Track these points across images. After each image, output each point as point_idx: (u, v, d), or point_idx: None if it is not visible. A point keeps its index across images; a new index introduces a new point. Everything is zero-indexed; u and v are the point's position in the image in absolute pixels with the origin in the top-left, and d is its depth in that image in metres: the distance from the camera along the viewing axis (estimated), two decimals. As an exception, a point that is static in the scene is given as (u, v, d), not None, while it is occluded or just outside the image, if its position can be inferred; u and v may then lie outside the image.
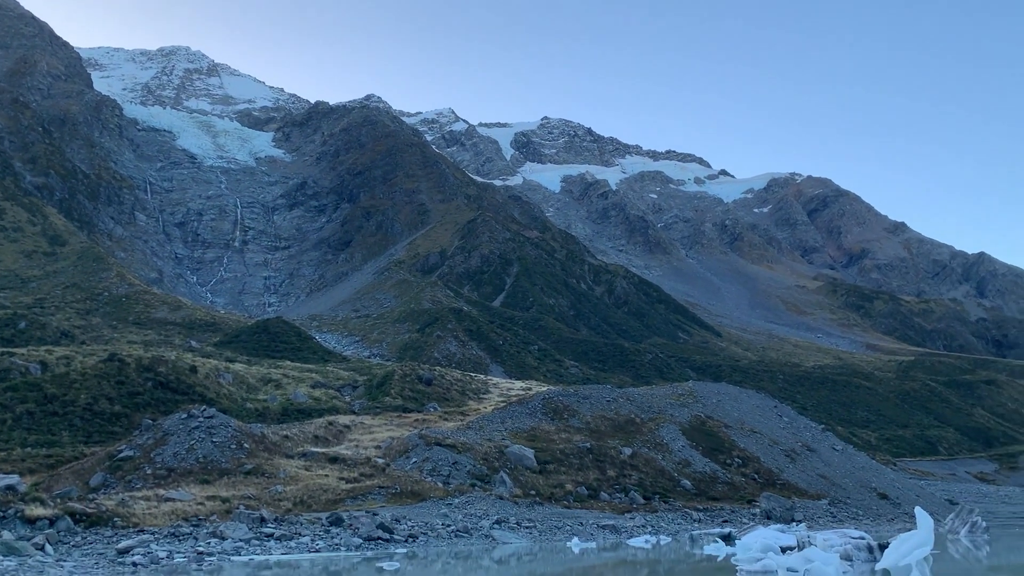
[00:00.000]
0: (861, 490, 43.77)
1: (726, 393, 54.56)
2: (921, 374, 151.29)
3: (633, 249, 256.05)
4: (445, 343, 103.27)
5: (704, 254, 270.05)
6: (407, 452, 35.05)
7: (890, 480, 48.62)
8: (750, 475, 41.94)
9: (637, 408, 47.34)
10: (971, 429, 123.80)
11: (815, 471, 44.59)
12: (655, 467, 40.03)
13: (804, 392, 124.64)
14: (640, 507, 34.82)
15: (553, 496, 33.52)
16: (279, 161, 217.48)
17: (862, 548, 19.28)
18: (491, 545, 23.44)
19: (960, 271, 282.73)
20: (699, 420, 47.22)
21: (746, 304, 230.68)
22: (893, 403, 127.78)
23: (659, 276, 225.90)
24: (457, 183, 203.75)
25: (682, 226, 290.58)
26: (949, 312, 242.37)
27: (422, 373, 60.44)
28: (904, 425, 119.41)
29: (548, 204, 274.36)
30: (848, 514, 38.88)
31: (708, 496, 38.56)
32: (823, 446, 49.52)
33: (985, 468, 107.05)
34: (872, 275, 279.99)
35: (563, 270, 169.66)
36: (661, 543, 26.03)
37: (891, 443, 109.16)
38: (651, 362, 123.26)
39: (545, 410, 44.81)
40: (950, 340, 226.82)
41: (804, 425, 52.81)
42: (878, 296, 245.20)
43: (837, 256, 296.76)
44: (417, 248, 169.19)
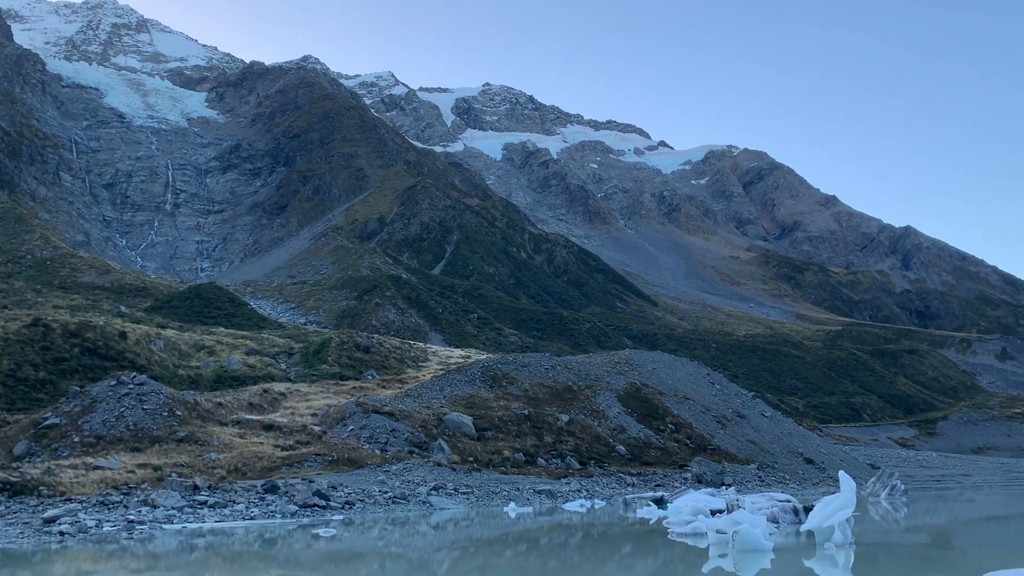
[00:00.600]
0: (788, 455, 45.27)
1: (661, 361, 55.57)
2: (848, 343, 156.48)
3: (573, 219, 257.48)
4: (384, 311, 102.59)
5: (642, 224, 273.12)
6: (344, 420, 34.86)
7: (816, 445, 50.38)
8: (683, 441, 42.96)
9: (575, 376, 47.90)
10: (893, 396, 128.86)
11: (745, 437, 45.89)
12: (591, 433, 40.66)
13: (736, 360, 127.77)
14: (576, 472, 35.41)
15: (491, 462, 33.81)
16: (212, 122, 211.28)
17: (788, 511, 19.98)
18: (428, 511, 23.57)
19: (887, 244, 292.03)
20: (635, 387, 48.06)
21: (682, 274, 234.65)
22: (820, 371, 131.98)
23: (598, 246, 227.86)
24: (397, 148, 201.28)
25: (621, 196, 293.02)
26: (876, 284, 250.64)
27: (360, 341, 59.98)
28: (830, 392, 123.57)
29: (489, 172, 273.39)
30: (775, 478, 40.22)
31: (642, 461, 39.40)
32: (753, 413, 50.93)
33: (905, 434, 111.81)
34: (803, 247, 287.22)
35: (504, 239, 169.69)
36: (596, 507, 26.55)
37: (818, 410, 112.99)
38: (589, 331, 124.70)
39: (484, 378, 44.99)
40: (876, 311, 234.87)
41: (735, 392, 54.20)
42: (808, 267, 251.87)
43: (770, 228, 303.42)
44: (355, 214, 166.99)
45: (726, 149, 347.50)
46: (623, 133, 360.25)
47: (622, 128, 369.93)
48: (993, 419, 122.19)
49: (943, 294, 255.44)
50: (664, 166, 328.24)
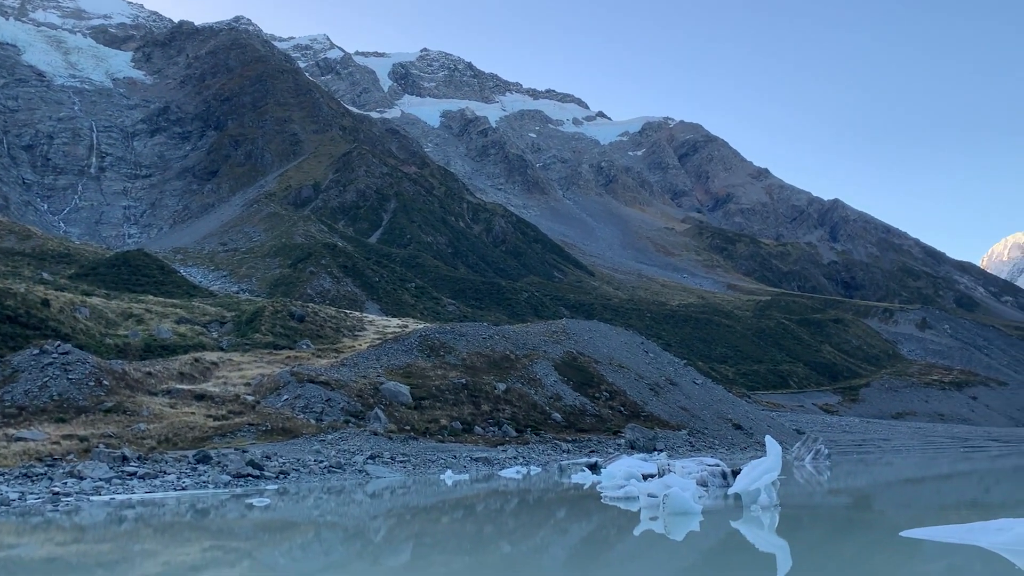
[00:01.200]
0: (718, 421, 46.52)
1: (597, 330, 56.30)
2: (776, 313, 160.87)
3: (512, 188, 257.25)
4: (319, 279, 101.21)
5: (580, 195, 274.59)
6: (278, 389, 34.45)
7: (744, 412, 51.87)
8: (617, 408, 43.74)
9: (512, 345, 48.19)
10: (819, 364, 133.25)
11: (677, 404, 46.97)
12: (528, 401, 41.07)
13: (669, 329, 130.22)
14: (513, 440, 35.77)
15: (428, 431, 33.89)
16: (139, 83, 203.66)
17: (717, 474, 20.60)
18: (365, 480, 23.56)
19: (816, 216, 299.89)
20: (571, 356, 48.63)
21: (619, 245, 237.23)
22: (750, 340, 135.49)
23: (537, 216, 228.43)
24: (332, 114, 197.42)
25: (560, 167, 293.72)
26: (804, 255, 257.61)
27: (294, 310, 59.14)
28: (759, 360, 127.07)
29: (427, 139, 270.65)
30: (705, 443, 41.34)
31: (577, 428, 40.01)
32: (685, 380, 52.11)
33: (830, 400, 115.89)
34: (736, 219, 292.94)
35: (442, 207, 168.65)
36: (532, 473, 26.91)
37: (747, 377, 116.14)
38: (527, 300, 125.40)
39: (421, 347, 44.93)
40: (804, 281, 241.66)
41: (668, 361, 55.34)
42: (740, 239, 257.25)
43: (704, 200, 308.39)
44: (289, 180, 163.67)
45: (663, 121, 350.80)
46: (562, 103, 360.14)
47: (561, 98, 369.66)
48: (912, 386, 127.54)
49: (868, 265, 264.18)
50: (602, 136, 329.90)
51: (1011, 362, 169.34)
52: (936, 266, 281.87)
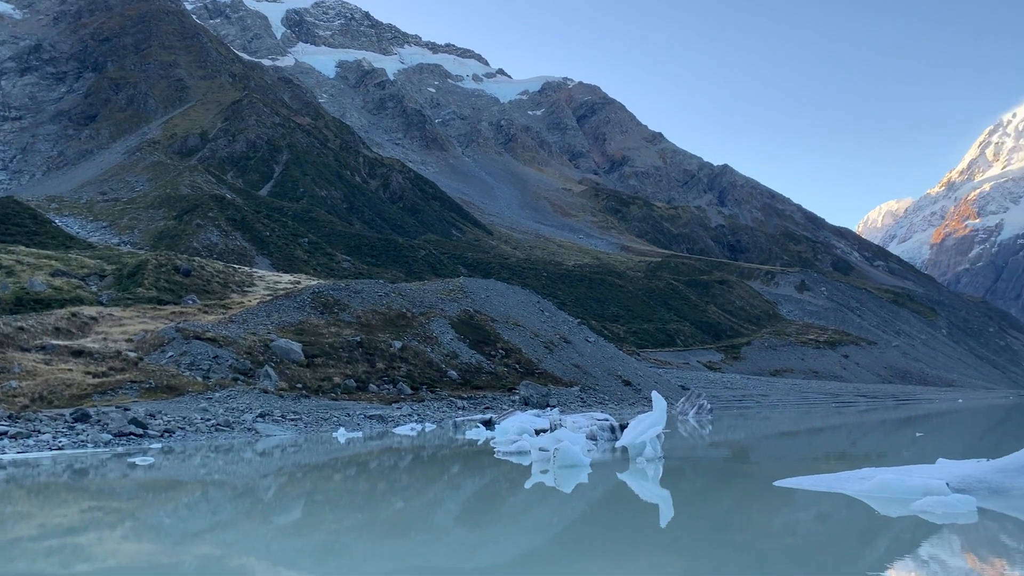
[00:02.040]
0: (609, 378, 47.85)
1: (494, 289, 56.65)
2: (666, 274, 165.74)
3: (410, 144, 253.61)
4: (206, 232, 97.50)
5: (479, 153, 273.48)
6: (163, 346, 33.22)
7: (634, 369, 53.51)
8: (512, 365, 44.32)
9: (409, 303, 47.94)
10: (704, 324, 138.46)
11: (570, 361, 47.99)
12: (424, 359, 41.07)
13: (564, 289, 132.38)
14: (408, 397, 35.78)
15: (321, 389, 33.47)
16: (7, 17, 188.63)
17: (606, 428, 21.25)
18: (254, 438, 23.12)
19: (706, 181, 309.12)
20: (468, 314, 48.82)
21: (517, 204, 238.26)
22: (641, 300, 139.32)
23: (435, 172, 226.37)
24: (221, 59, 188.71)
25: (459, 123, 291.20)
26: (694, 218, 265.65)
27: (180, 263, 56.85)
28: (649, 320, 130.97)
29: (322, 90, 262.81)
30: (596, 399, 42.50)
31: (473, 385, 40.36)
32: (578, 338, 53.23)
33: (713, 358, 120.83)
34: (630, 181, 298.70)
35: (337, 161, 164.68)
36: (426, 430, 27.05)
37: (637, 335, 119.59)
38: (424, 258, 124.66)
39: (315, 304, 44.13)
40: (693, 244, 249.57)
41: (563, 319, 56.34)
42: (634, 201, 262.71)
43: (601, 162, 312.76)
44: (174, 128, 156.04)
45: (562, 81, 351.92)
46: (462, 58, 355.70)
47: (461, 53, 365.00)
48: (790, 345, 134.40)
49: (753, 229, 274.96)
50: (502, 95, 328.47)
51: (880, 323, 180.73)
52: (816, 231, 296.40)
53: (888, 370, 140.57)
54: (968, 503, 8.57)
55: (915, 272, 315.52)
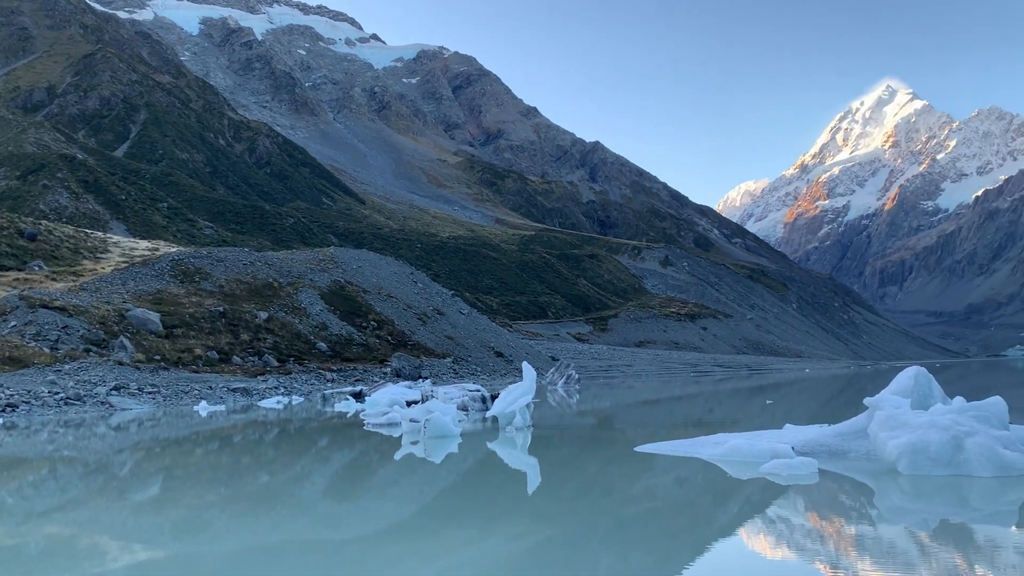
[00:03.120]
0: (481, 349, 48.26)
1: (366, 260, 55.81)
2: (539, 247, 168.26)
3: (278, 107, 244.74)
4: (54, 194, 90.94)
5: (352, 119, 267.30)
6: (5, 315, 30.88)
7: (506, 340, 54.20)
8: (384, 337, 43.92)
9: (276, 272, 46.55)
10: (574, 296, 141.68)
11: (443, 333, 48.04)
12: (292, 331, 40.06)
13: (439, 261, 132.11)
14: (274, 370, 34.85)
15: (180, 361, 32.09)
16: None
17: (477, 399, 21.45)
18: (108, 412, 21.94)
19: (578, 157, 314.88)
20: (338, 285, 47.92)
21: (391, 174, 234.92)
22: (514, 272, 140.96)
23: (305, 138, 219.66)
24: (71, 9, 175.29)
25: (331, 88, 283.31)
26: (566, 193, 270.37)
27: (24, 227, 52.86)
28: (521, 292, 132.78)
29: (184, 47, 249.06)
30: (469, 370, 42.80)
31: (343, 357, 39.75)
32: (452, 310, 53.32)
33: (582, 330, 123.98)
34: (505, 155, 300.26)
35: (199, 122, 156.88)
36: (293, 403, 26.47)
37: (510, 308, 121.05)
38: (293, 226, 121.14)
39: (174, 272, 42.13)
40: (565, 218, 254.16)
41: (436, 291, 56.24)
42: (509, 175, 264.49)
43: (476, 134, 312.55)
44: (18, 80, 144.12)
45: (438, 50, 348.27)
46: (334, 21, 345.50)
47: (333, 15, 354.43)
48: (653, 317, 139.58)
49: (621, 206, 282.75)
50: (376, 61, 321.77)
51: (736, 297, 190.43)
52: (680, 209, 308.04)
53: (743, 341, 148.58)
54: (810, 465, 9.21)
55: (769, 249, 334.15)
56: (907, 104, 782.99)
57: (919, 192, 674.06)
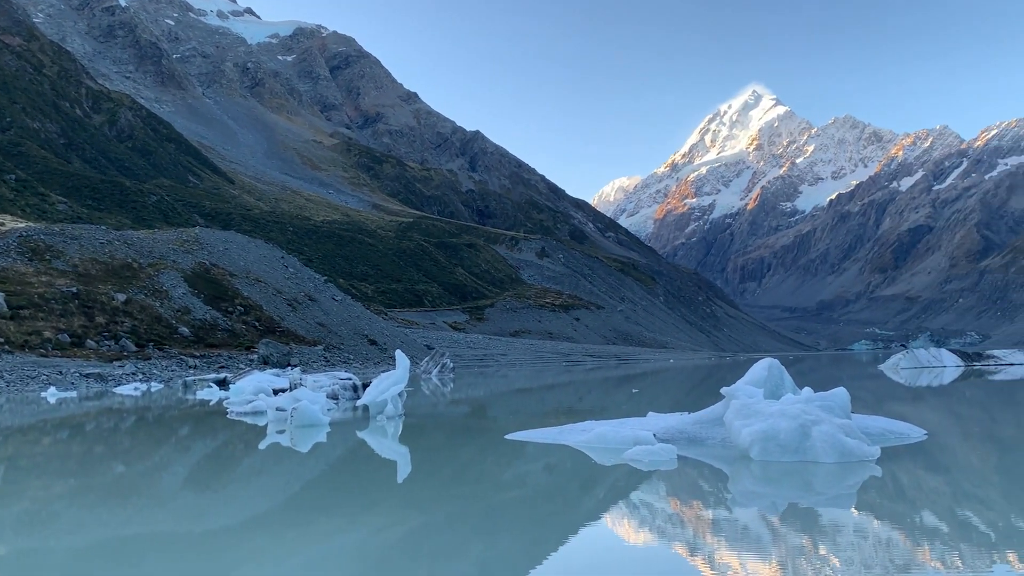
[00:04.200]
0: (355, 337, 47.53)
1: (234, 242, 53.83)
2: (417, 235, 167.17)
3: (142, 78, 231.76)
4: None
5: (222, 95, 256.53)
6: None
7: (380, 328, 53.59)
8: (251, 323, 42.54)
9: (136, 252, 44.19)
10: (452, 285, 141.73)
11: (315, 320, 46.99)
12: (152, 314, 38.17)
13: (312, 245, 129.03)
14: (132, 355, 33.13)
15: (28, 344, 30.01)
16: None
17: (348, 387, 21.12)
18: (-59, 399, 20.25)
19: (458, 145, 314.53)
20: (204, 268, 46.00)
21: (262, 153, 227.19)
22: (391, 259, 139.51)
23: (171, 112, 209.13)
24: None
25: (200, 61, 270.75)
26: (446, 181, 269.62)
27: None
28: (398, 280, 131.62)
29: (37, 8, 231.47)
30: (341, 358, 42.06)
31: (207, 343, 38.23)
32: (324, 296, 52.23)
33: (459, 319, 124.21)
34: (384, 139, 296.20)
35: (54, 90, 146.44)
36: (152, 390, 25.24)
37: (385, 295, 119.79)
38: (156, 204, 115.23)
39: (22, 249, 39.27)
40: (444, 206, 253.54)
41: (308, 276, 54.93)
42: (387, 160, 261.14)
43: (354, 116, 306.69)
44: None
45: (315, 28, 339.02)
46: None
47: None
48: (529, 307, 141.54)
49: (500, 196, 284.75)
50: (250, 36, 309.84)
51: (608, 289, 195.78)
52: (557, 201, 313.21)
53: (613, 332, 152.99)
54: (670, 452, 9.59)
55: (640, 244, 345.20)
56: (771, 109, 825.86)
57: (779, 194, 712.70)
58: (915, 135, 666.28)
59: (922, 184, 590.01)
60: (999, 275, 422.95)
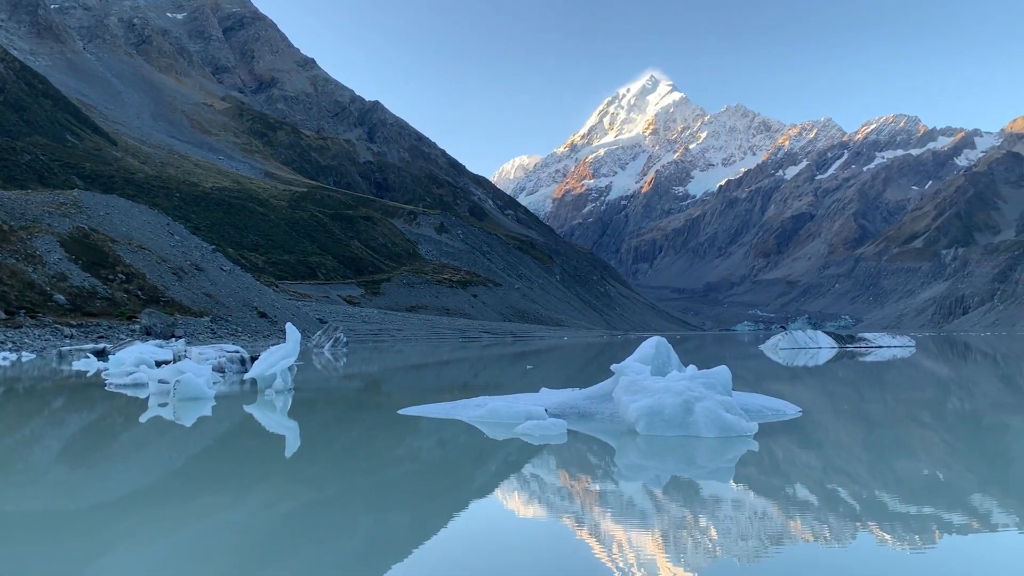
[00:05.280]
0: (243, 309, 46.16)
1: (116, 206, 51.25)
2: (311, 205, 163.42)
3: (16, 28, 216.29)
4: None
5: (105, 51, 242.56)
6: None
7: (271, 300, 52.27)
8: (134, 291, 40.72)
9: (6, 214, 41.45)
10: (347, 258, 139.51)
11: (201, 290, 45.37)
12: (23, 280, 35.97)
13: (200, 212, 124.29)
14: (1, 323, 31.17)
15: None
16: None
17: (235, 360, 20.52)
18: None
19: (357, 115, 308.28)
20: (82, 232, 43.62)
21: (148, 114, 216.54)
22: (283, 230, 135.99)
23: (47, 66, 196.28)
24: None
25: (81, 14, 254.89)
26: (343, 151, 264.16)
27: None
28: (291, 251, 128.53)
29: None
30: (228, 330, 40.81)
31: (84, 312, 36.37)
32: (212, 266, 50.47)
33: (354, 292, 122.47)
34: (279, 105, 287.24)
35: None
36: (23, 360, 23.86)
37: (277, 267, 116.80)
38: (29, 164, 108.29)
39: None
40: (341, 177, 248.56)
41: (196, 245, 52.93)
42: (282, 127, 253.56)
43: (247, 80, 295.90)
44: None
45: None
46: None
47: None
48: (426, 282, 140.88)
49: (399, 169, 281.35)
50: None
51: (506, 267, 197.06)
52: (457, 177, 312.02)
53: (510, 309, 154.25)
54: (560, 426, 9.79)
55: (539, 223, 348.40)
56: (667, 95, 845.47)
57: (672, 178, 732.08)
58: (801, 126, 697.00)
59: (806, 173, 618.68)
60: (872, 263, 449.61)
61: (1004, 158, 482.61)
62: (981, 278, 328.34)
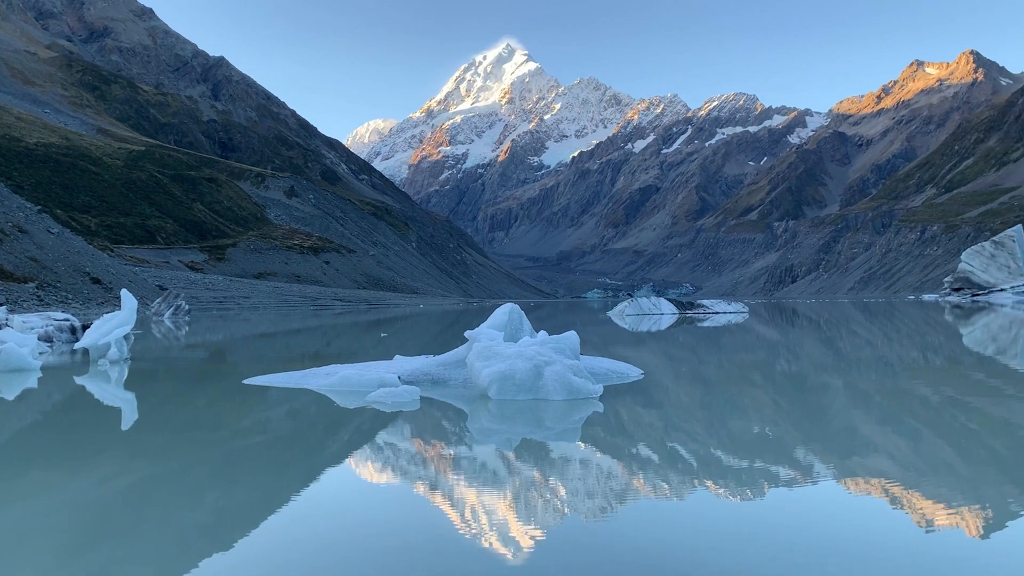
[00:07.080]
0: (74, 274, 43.09)
1: (-79, 160, 46.31)
2: (150, 165, 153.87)
3: None
4: None
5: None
6: None
7: (105, 266, 49.04)
8: (-55, 255, 37.12)
9: None
10: (189, 222, 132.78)
11: (26, 254, 41.94)
12: None
13: (22, 170, 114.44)
14: None
15: None
16: None
17: (65, 329, 19.17)
18: None
19: (200, 71, 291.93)
20: None
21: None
22: (119, 191, 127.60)
23: None
24: None
25: None
26: (184, 108, 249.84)
27: None
28: (127, 213, 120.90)
29: None
30: (57, 298, 38.00)
31: None
32: (38, 228, 46.72)
33: (196, 258, 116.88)
34: (113, 57, 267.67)
35: None
36: None
37: (112, 230, 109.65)
38: None
39: None
40: (182, 136, 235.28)
41: (18, 205, 48.76)
42: (116, 80, 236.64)
43: (77, 28, 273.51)
44: None
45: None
46: None
47: None
48: (275, 249, 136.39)
49: (246, 129, 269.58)
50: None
51: (360, 233, 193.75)
52: (308, 139, 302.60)
53: (364, 277, 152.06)
54: (413, 393, 9.82)
55: (394, 189, 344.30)
56: (523, 64, 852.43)
57: (528, 148, 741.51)
58: (649, 101, 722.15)
59: (653, 147, 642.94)
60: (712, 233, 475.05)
61: (831, 137, 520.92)
62: (808, 249, 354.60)
